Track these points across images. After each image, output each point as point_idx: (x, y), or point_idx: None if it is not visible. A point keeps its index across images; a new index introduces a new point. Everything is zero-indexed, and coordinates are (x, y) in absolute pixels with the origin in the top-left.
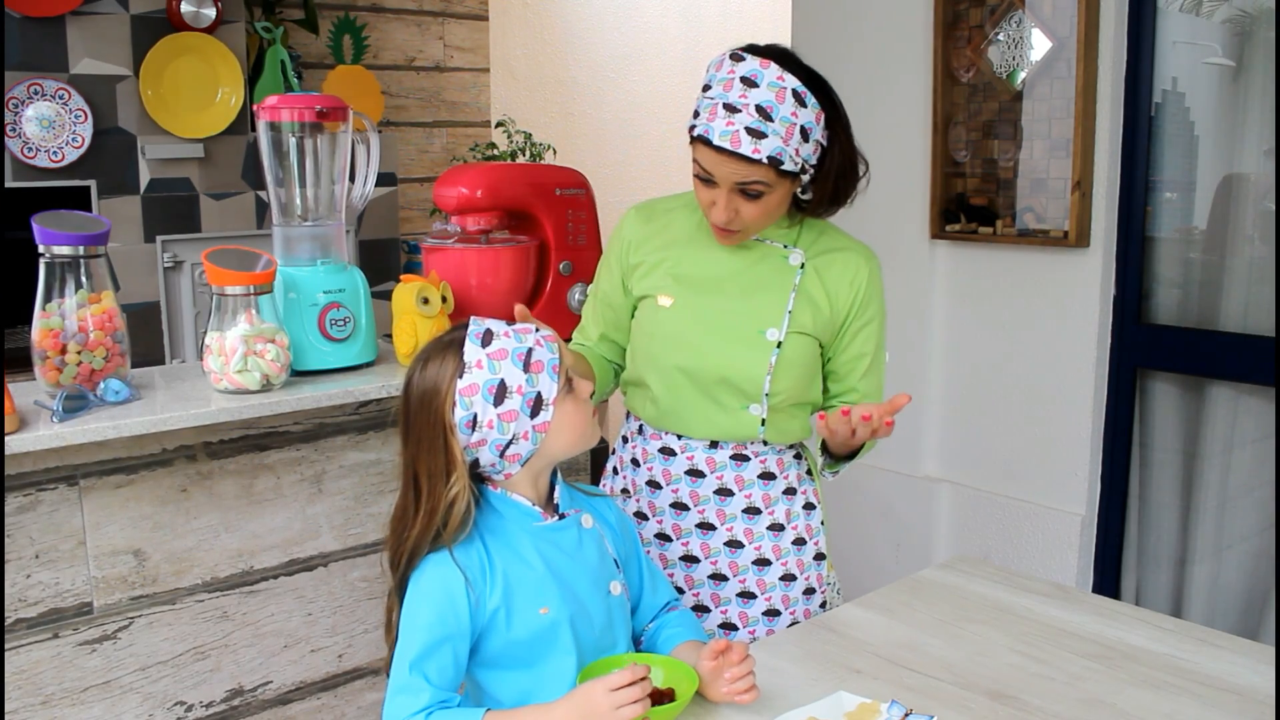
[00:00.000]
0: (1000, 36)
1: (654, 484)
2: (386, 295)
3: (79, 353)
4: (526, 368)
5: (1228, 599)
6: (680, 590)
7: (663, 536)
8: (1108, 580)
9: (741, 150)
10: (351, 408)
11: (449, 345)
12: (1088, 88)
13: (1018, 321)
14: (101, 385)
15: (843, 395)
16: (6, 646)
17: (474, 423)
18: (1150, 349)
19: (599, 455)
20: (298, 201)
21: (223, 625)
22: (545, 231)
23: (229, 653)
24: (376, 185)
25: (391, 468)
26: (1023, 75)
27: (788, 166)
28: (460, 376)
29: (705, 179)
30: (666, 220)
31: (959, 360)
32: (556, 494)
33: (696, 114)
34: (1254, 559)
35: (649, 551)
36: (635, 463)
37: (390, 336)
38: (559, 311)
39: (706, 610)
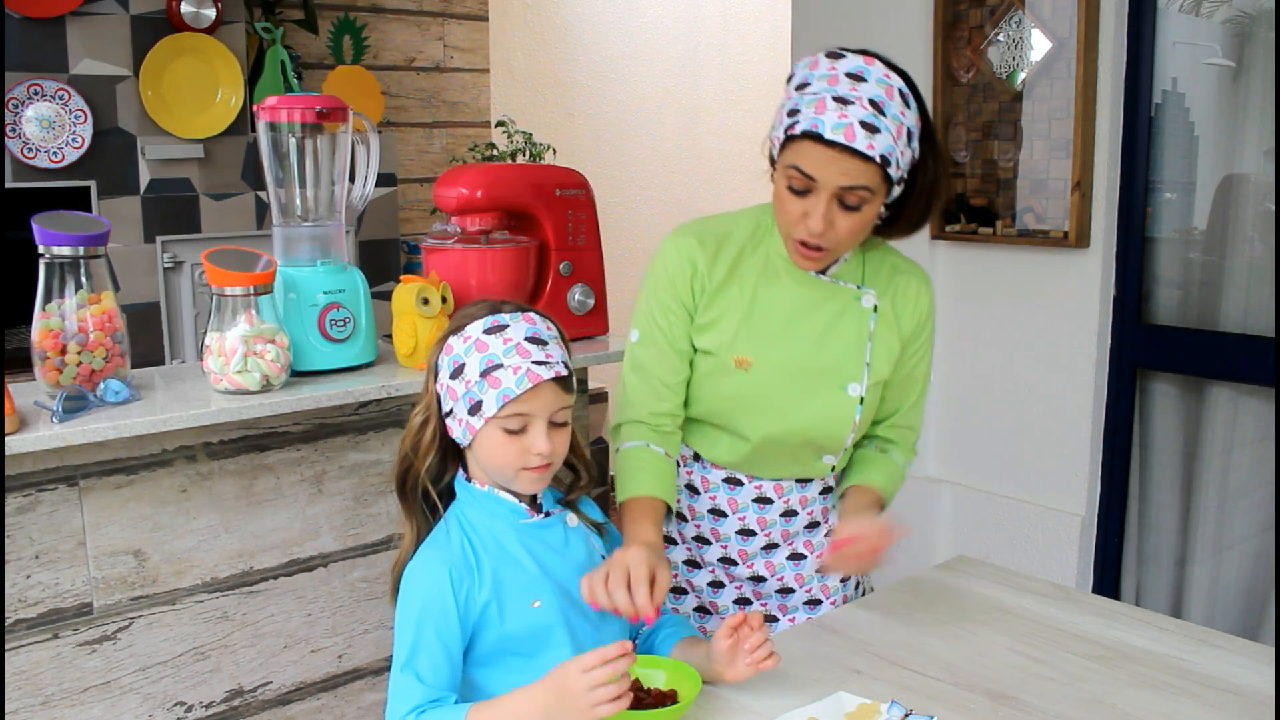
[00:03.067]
0: (1000, 37)
1: (718, 512)
2: (386, 295)
3: (79, 353)
4: (484, 374)
5: (1228, 599)
6: (747, 601)
7: (727, 560)
8: (1108, 580)
9: (856, 145)
10: (351, 408)
11: (481, 306)
12: (1088, 88)
13: (1018, 321)
14: (101, 386)
15: (888, 417)
16: (6, 647)
17: (438, 373)
18: (1150, 349)
19: (601, 456)
20: (298, 202)
21: (223, 625)
22: (545, 232)
23: (229, 653)
24: (376, 185)
25: (391, 468)
26: (1023, 75)
27: (893, 171)
28: (453, 335)
29: (801, 188)
30: (733, 252)
31: (959, 360)
32: (540, 497)
33: (794, 112)
34: (1254, 559)
35: (712, 571)
36: (693, 489)
37: (390, 337)
38: (559, 312)
39: (748, 603)
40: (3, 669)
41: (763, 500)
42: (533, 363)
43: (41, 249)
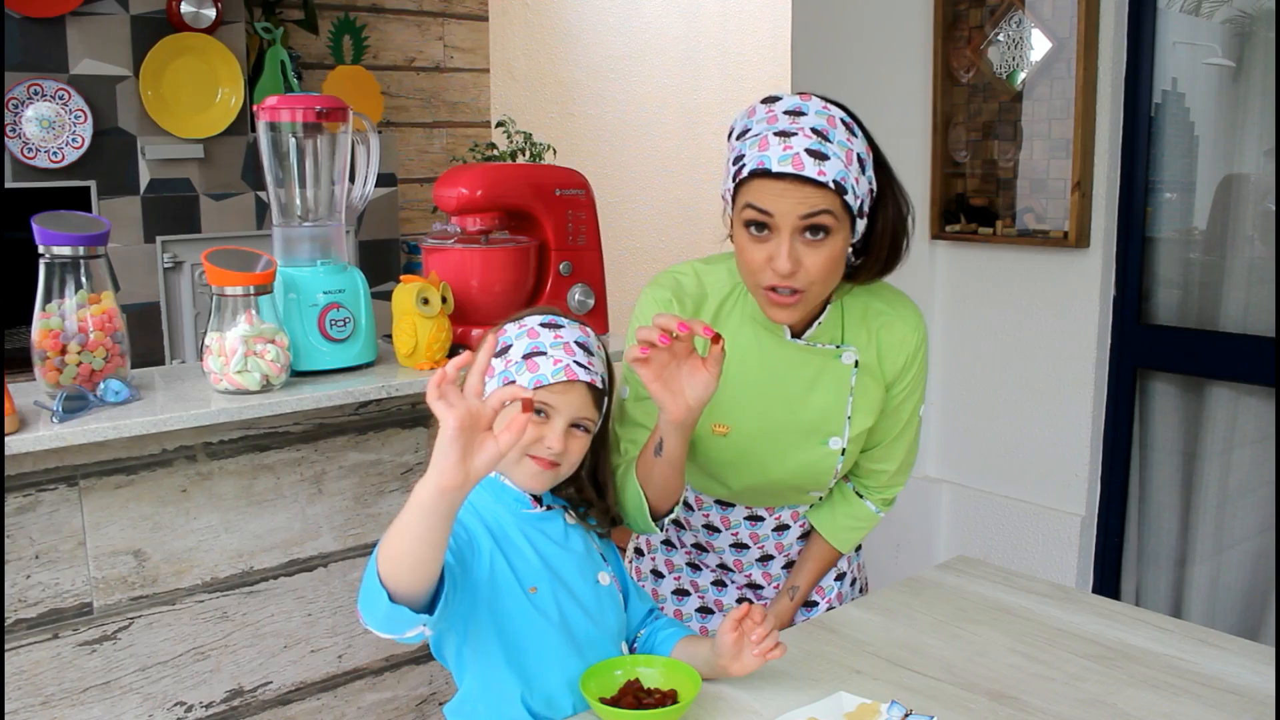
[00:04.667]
0: (1000, 37)
1: (711, 527)
2: (386, 295)
3: (79, 353)
4: (526, 357)
5: (1228, 599)
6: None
7: (724, 567)
8: (1108, 580)
9: (806, 172)
10: (351, 408)
11: (543, 310)
12: (1088, 88)
13: (1018, 322)
14: (101, 386)
15: (870, 449)
16: (6, 647)
17: (491, 351)
18: (1150, 349)
19: None
20: (298, 202)
21: (223, 625)
22: (545, 232)
23: (229, 653)
24: (376, 186)
25: (391, 468)
26: (1022, 75)
27: (850, 199)
28: (510, 323)
29: (759, 225)
30: (709, 316)
31: (959, 360)
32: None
33: (739, 158)
34: (1254, 559)
35: (714, 571)
36: (686, 504)
37: (390, 337)
38: None
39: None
40: (3, 669)
41: (754, 518)
42: (574, 362)
43: (41, 249)
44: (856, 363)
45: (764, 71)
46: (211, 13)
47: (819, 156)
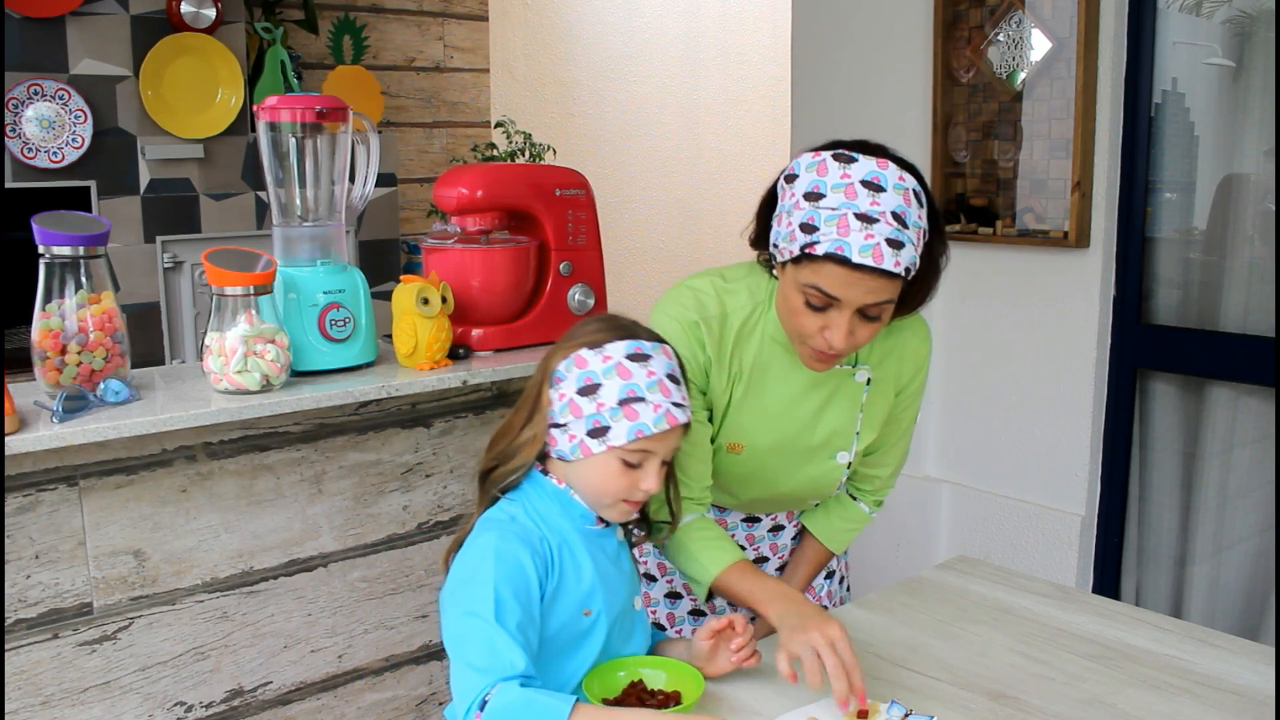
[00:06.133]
0: (1000, 37)
1: None
2: (386, 295)
3: (79, 353)
4: (623, 403)
5: (1228, 599)
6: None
7: None
8: (1108, 580)
9: (884, 265)
10: (351, 408)
11: (617, 327)
12: (1088, 88)
13: (1018, 322)
14: (101, 386)
15: (868, 454)
16: (6, 647)
17: (559, 382)
18: (1150, 349)
19: None
20: (298, 202)
21: (223, 625)
22: (545, 232)
23: (229, 653)
24: (376, 186)
25: (391, 468)
26: (1023, 76)
27: (911, 276)
28: (587, 349)
29: (821, 305)
30: (732, 338)
31: (959, 361)
32: None
33: (811, 228)
34: (1254, 559)
35: None
36: None
37: (390, 337)
38: (559, 312)
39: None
40: (3, 669)
41: (751, 520)
42: (672, 404)
43: (41, 249)
44: (869, 380)
45: (764, 71)
46: (211, 13)
47: (896, 246)
